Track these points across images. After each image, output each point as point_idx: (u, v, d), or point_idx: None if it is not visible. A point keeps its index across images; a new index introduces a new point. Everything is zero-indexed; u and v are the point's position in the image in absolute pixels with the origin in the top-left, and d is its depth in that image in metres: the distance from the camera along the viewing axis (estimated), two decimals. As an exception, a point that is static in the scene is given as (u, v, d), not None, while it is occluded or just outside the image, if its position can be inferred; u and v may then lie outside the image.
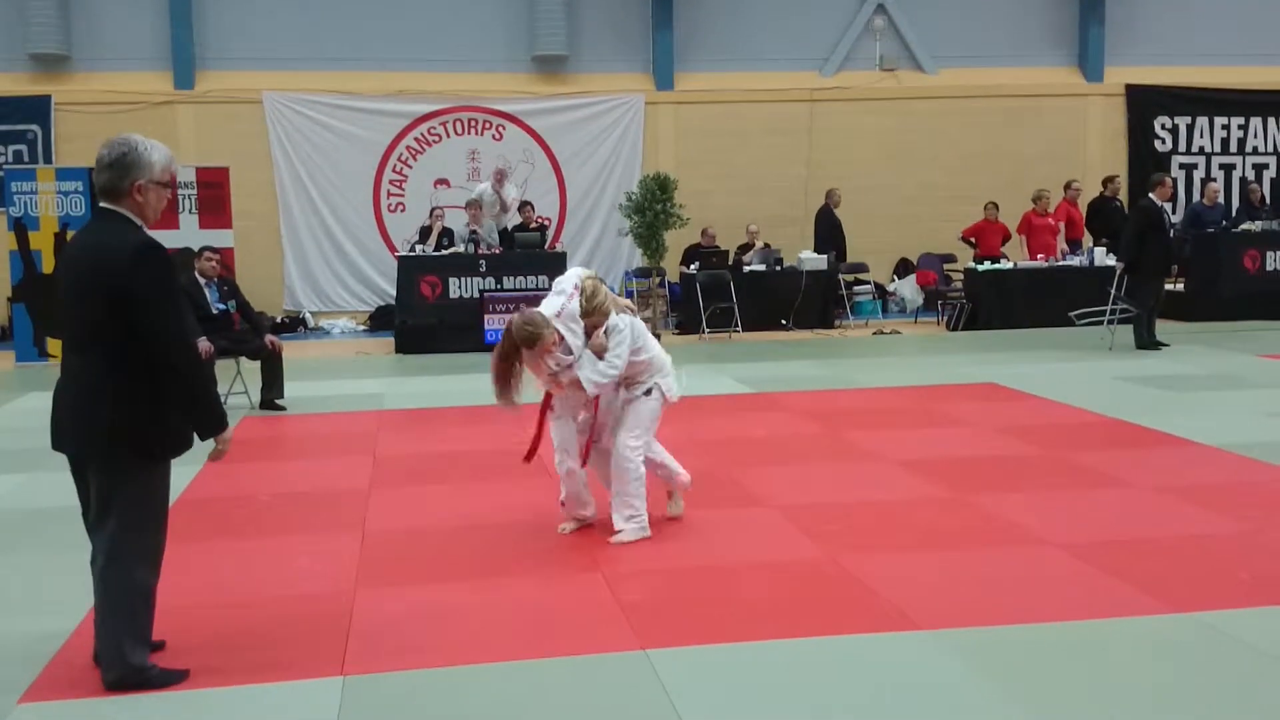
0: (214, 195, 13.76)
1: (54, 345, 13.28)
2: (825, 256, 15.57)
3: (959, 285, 16.01)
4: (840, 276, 15.88)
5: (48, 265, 13.22)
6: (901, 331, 14.94)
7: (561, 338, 5.46)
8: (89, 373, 3.87)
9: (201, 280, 9.70)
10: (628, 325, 5.57)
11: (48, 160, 15.66)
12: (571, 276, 5.69)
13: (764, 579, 5.03)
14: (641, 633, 4.38)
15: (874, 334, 14.73)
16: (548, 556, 5.45)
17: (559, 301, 5.57)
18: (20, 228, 13.23)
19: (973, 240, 16.39)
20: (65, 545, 5.77)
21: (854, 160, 17.68)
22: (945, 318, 15.60)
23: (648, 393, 5.67)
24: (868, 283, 16.70)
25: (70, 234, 13.31)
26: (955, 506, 6.16)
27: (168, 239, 13.21)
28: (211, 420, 4.01)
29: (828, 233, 16.36)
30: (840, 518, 5.94)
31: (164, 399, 3.90)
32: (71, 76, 16.28)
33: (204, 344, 9.28)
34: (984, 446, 7.71)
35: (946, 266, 17.11)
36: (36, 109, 16.07)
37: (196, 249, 10.24)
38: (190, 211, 13.67)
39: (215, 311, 9.68)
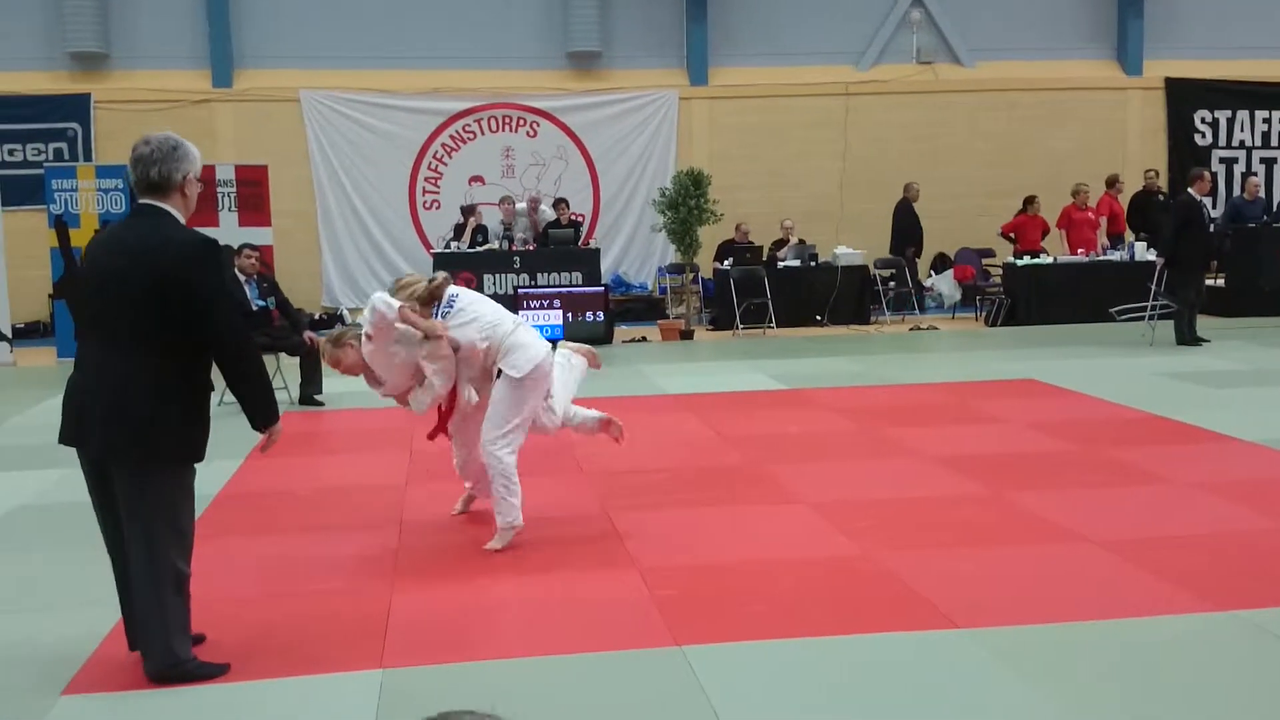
0: (253, 193, 13.88)
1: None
2: (861, 252, 15.50)
3: (997, 280, 15.90)
4: (916, 273, 15.88)
5: (89, 262, 13.37)
6: (939, 327, 14.85)
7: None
8: (127, 370, 3.83)
9: (241, 277, 9.79)
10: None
11: (88, 158, 15.85)
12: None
13: (799, 576, 5.02)
14: (676, 628, 4.38)
15: (910, 330, 14.65)
16: (583, 551, 5.46)
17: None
18: (61, 225, 13.39)
19: (1012, 235, 16.27)
20: (103, 541, 5.84)
21: (890, 154, 17.59)
22: (983, 313, 15.50)
23: (498, 376, 5.42)
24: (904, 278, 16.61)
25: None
26: (992, 503, 6.12)
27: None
28: (268, 411, 4.11)
29: (907, 227, 16.26)
30: (876, 514, 5.92)
31: (204, 392, 3.92)
32: (110, 75, 16.46)
33: (243, 340, 9.38)
34: (1022, 443, 7.66)
35: (985, 261, 17.00)
36: (76, 107, 16.26)
37: (236, 246, 10.33)
38: (230, 209, 13.79)
39: (255, 308, 9.77)
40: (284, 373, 10.00)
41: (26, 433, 8.95)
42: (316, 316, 15.96)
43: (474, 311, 5.43)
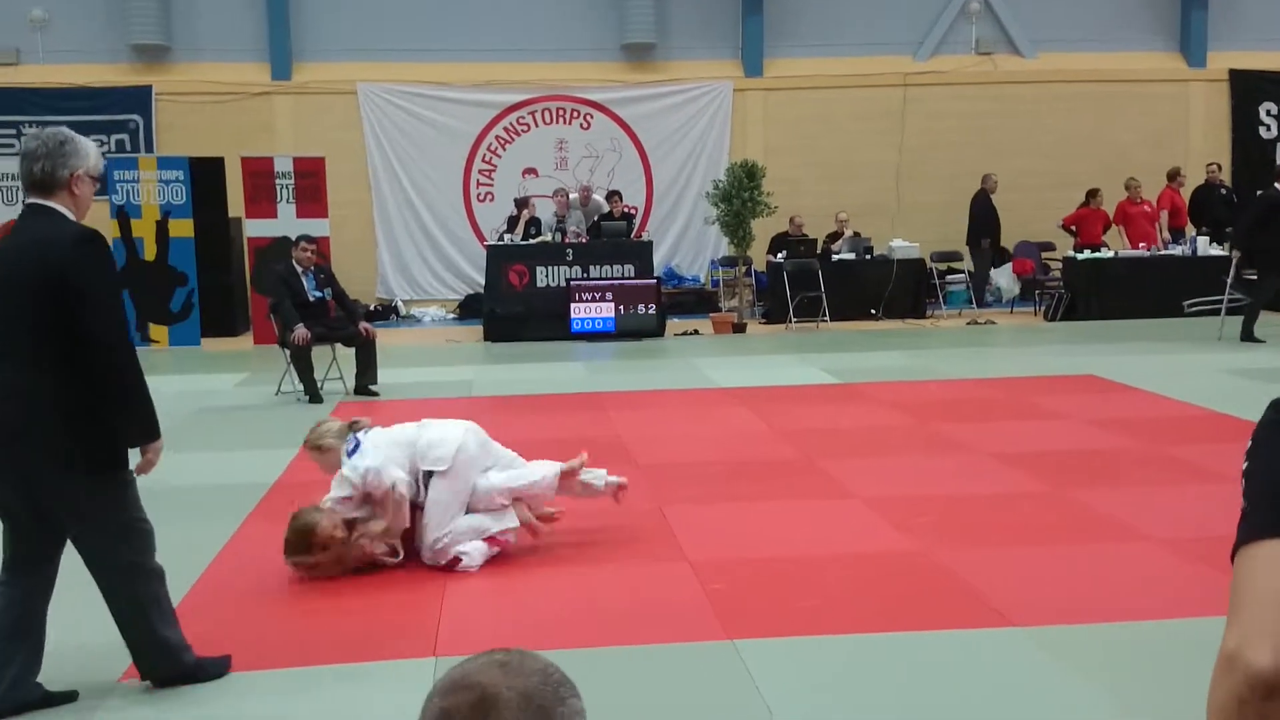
0: (310, 185, 14.00)
1: (156, 331, 13.65)
2: (916, 245, 15.36)
3: (1057, 274, 15.68)
4: (990, 267, 15.81)
5: (149, 252, 13.59)
6: (996, 322, 14.67)
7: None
8: (32, 382, 3.54)
9: (299, 269, 9.89)
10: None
11: (149, 149, 16.07)
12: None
13: (852, 571, 4.97)
14: (728, 622, 4.36)
15: (967, 324, 14.50)
16: (634, 545, 5.45)
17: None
18: (123, 215, 13.59)
19: (1073, 228, 16.06)
20: (165, 526, 5.92)
21: (948, 146, 17.38)
22: (1043, 308, 15.30)
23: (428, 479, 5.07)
24: (961, 271, 16.43)
25: (171, 222, 13.65)
26: (1051, 500, 6.03)
27: (266, 228, 13.67)
28: (147, 425, 3.68)
29: (984, 219, 16.09)
30: (931, 510, 5.85)
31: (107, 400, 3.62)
32: (172, 67, 16.68)
33: (301, 331, 9.47)
34: (1081, 439, 7.54)
35: (1044, 255, 16.76)
36: (138, 99, 16.49)
37: (294, 238, 10.44)
38: (288, 201, 13.92)
39: (311, 299, 9.86)
40: (340, 363, 10.10)
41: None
42: (372, 307, 16.09)
43: (374, 443, 5.08)
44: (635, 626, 4.39)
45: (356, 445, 5.06)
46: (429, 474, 5.06)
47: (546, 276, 14.19)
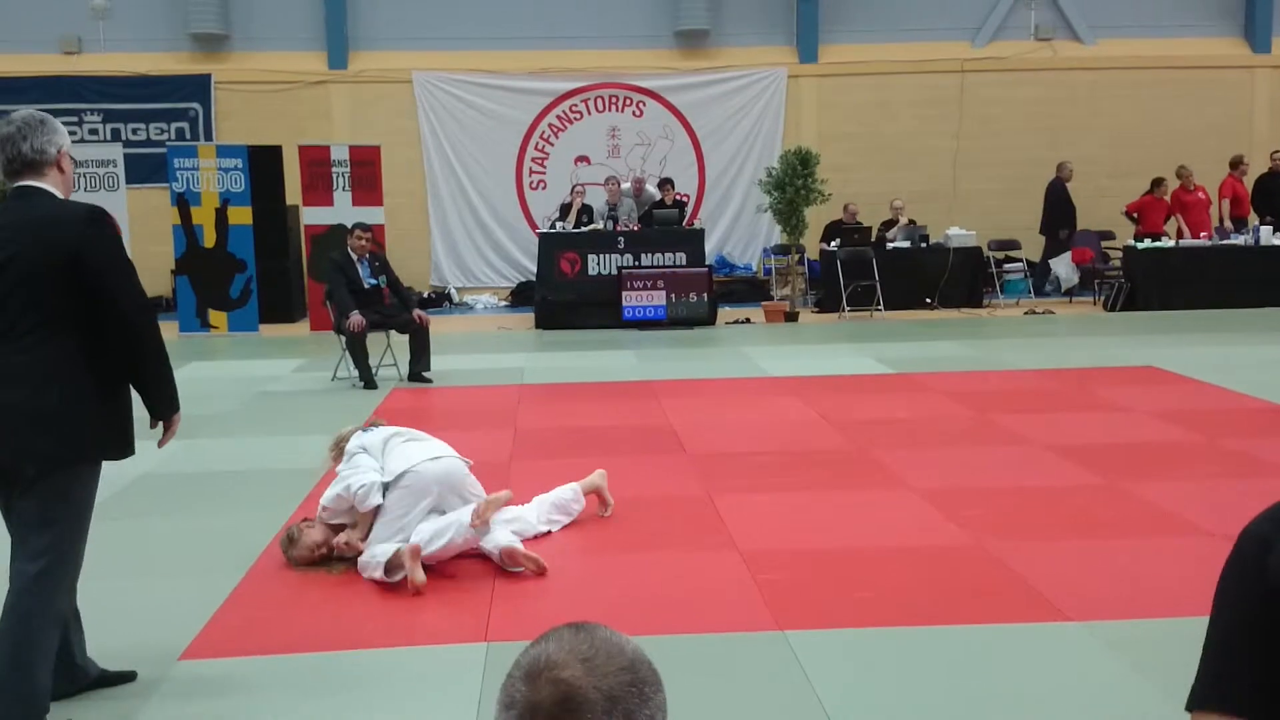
0: (366, 173, 14.11)
1: (215, 317, 13.83)
2: (973, 233, 15.18)
3: (1117, 264, 15.44)
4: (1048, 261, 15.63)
5: (209, 239, 13.76)
6: (1055, 312, 14.48)
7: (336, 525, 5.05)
8: (32, 363, 3.42)
9: (354, 256, 9.98)
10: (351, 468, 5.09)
11: (208, 137, 16.27)
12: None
13: (905, 563, 4.93)
14: (779, 613, 4.35)
15: (1025, 314, 14.32)
16: (684, 533, 5.44)
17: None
18: (183, 202, 13.77)
19: (1135, 216, 15.81)
20: (223, 509, 6.01)
21: (1006, 133, 17.16)
22: (1102, 298, 15.07)
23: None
24: (1019, 260, 16.22)
25: (230, 210, 13.81)
26: (1108, 494, 5.94)
27: (323, 216, 13.80)
28: (172, 396, 3.66)
29: (1060, 208, 15.88)
30: (987, 503, 5.79)
31: (123, 380, 3.55)
32: (230, 56, 16.87)
33: (356, 318, 9.56)
34: (1140, 432, 7.42)
35: (1104, 244, 16.51)
36: (197, 87, 16.70)
37: (349, 226, 10.52)
38: (344, 189, 14.04)
39: (366, 286, 9.95)
40: (394, 350, 10.18)
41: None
42: (425, 295, 16.19)
43: (368, 442, 5.19)
44: (685, 615, 4.39)
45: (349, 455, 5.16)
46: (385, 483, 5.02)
47: (598, 264, 14.20)
